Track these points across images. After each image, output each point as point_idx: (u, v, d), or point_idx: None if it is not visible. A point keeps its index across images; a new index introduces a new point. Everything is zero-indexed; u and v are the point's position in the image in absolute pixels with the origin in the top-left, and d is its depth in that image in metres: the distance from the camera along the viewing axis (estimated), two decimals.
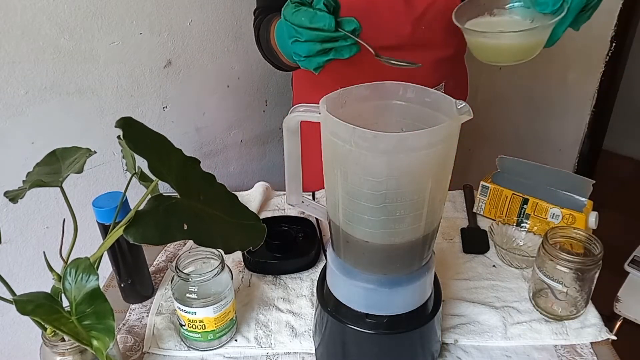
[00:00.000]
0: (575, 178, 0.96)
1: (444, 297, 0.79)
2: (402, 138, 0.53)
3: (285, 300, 0.82)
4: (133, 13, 1.04)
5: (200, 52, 1.18)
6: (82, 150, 0.62)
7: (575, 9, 0.60)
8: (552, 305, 0.77)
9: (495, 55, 0.62)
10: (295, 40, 0.66)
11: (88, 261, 0.49)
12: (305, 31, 0.64)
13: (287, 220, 0.96)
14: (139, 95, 1.11)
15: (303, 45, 0.65)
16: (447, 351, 0.73)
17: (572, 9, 0.60)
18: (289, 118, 0.62)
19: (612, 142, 2.49)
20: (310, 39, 0.64)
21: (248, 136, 1.39)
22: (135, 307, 0.82)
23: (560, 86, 1.87)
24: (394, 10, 0.88)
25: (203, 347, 0.73)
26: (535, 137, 2.00)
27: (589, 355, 0.72)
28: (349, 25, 0.64)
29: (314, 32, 0.63)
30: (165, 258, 0.93)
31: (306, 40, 0.64)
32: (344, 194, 0.58)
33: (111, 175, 1.12)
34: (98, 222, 0.74)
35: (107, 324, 0.47)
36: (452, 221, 1.01)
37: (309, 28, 0.63)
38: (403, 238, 0.59)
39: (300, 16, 0.63)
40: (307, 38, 0.64)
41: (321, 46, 0.64)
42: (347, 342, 0.67)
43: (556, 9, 0.60)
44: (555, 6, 0.60)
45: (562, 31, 0.62)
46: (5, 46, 0.90)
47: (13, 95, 0.94)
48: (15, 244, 1.03)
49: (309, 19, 0.63)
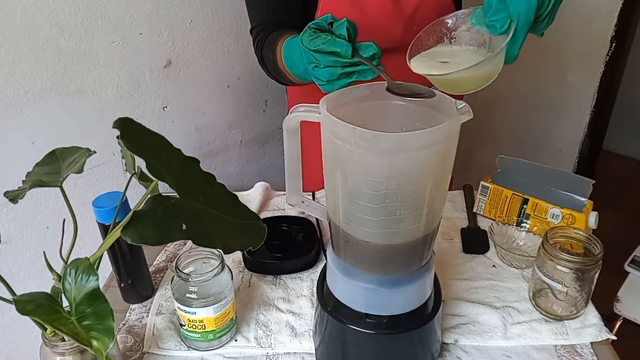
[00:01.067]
0: (575, 178, 0.96)
1: (444, 297, 0.79)
2: (402, 138, 0.53)
3: (285, 300, 0.82)
4: (133, 13, 1.04)
5: (200, 52, 1.18)
6: (82, 150, 0.62)
7: (523, 28, 0.59)
8: (552, 305, 0.77)
9: (453, 88, 0.61)
10: (315, 66, 0.65)
11: (88, 261, 0.49)
12: (323, 57, 0.63)
13: (287, 220, 0.96)
14: (139, 95, 1.11)
15: (324, 70, 0.64)
16: (447, 351, 0.73)
17: (519, 28, 0.59)
18: (289, 118, 0.62)
19: (612, 142, 2.50)
20: (329, 64, 0.63)
21: (248, 136, 1.39)
22: (135, 307, 0.82)
23: (560, 86, 1.87)
24: (384, 12, 0.89)
25: (203, 347, 0.73)
26: (535, 137, 2.00)
27: (589, 355, 0.72)
28: (367, 52, 0.62)
29: (333, 58, 0.62)
30: (165, 258, 0.93)
31: (326, 66, 0.63)
32: (344, 194, 0.58)
33: (111, 175, 1.12)
34: (98, 222, 0.74)
35: (107, 324, 0.47)
36: (452, 221, 1.01)
37: (327, 53, 0.62)
38: (403, 238, 0.59)
39: (318, 42, 0.63)
40: (326, 64, 0.63)
41: (342, 70, 0.63)
42: (347, 342, 0.67)
43: (505, 30, 0.60)
44: (504, 28, 0.59)
45: (517, 49, 0.61)
46: (5, 46, 0.90)
47: (13, 95, 0.94)
48: (15, 244, 1.03)
49: (326, 46, 0.62)
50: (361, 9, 0.89)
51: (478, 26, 0.64)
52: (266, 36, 0.87)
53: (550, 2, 0.60)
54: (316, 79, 0.66)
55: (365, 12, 0.89)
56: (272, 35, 0.85)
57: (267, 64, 0.88)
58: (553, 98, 1.90)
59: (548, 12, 0.60)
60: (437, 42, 0.66)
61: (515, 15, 0.58)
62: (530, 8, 0.57)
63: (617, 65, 1.81)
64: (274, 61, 0.83)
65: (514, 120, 2.02)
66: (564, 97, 1.88)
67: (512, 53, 0.61)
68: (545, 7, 0.60)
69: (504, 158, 1.02)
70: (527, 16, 0.58)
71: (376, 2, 0.89)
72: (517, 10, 0.57)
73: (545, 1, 0.59)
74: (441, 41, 0.66)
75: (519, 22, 0.58)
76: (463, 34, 0.66)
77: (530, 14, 0.58)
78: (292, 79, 0.80)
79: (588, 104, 1.85)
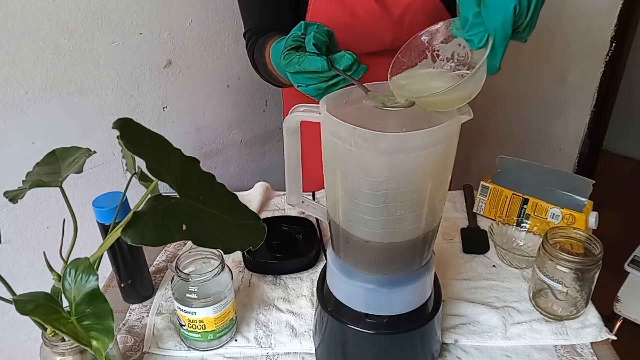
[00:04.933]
0: (575, 178, 0.96)
1: (444, 297, 0.79)
2: (402, 138, 0.53)
3: (285, 300, 0.82)
4: (133, 13, 1.04)
5: (200, 52, 1.18)
6: (82, 150, 0.62)
7: (501, 42, 0.58)
8: (552, 305, 0.77)
9: (436, 107, 0.61)
10: (299, 85, 0.64)
11: (88, 261, 0.49)
12: (303, 77, 0.62)
13: (287, 220, 0.96)
14: (139, 95, 1.11)
15: (309, 88, 0.63)
16: (447, 351, 0.73)
17: (497, 42, 0.58)
18: (289, 118, 0.62)
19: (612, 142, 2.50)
20: (311, 83, 0.62)
21: (248, 136, 1.39)
22: (135, 307, 0.82)
23: (560, 86, 1.87)
24: (372, 16, 0.89)
25: (203, 347, 0.73)
26: (535, 137, 2.00)
27: (589, 355, 0.72)
28: (343, 63, 0.61)
29: (313, 76, 0.61)
30: (165, 258, 0.93)
31: (308, 85, 0.63)
32: (344, 194, 0.58)
33: (111, 175, 1.12)
34: (98, 222, 0.74)
35: (107, 324, 0.47)
36: (452, 221, 1.01)
37: (306, 73, 0.61)
38: (403, 238, 0.59)
39: (294, 64, 0.62)
40: (309, 83, 0.62)
41: (326, 84, 0.62)
42: (347, 342, 0.67)
43: (483, 44, 0.59)
44: (481, 43, 0.58)
45: (498, 62, 0.60)
46: (5, 46, 0.90)
47: (13, 95, 0.94)
48: (15, 244, 1.03)
49: (302, 66, 0.61)
50: (350, 13, 0.89)
51: (460, 39, 0.63)
52: (257, 39, 0.88)
53: (529, 12, 0.58)
54: (306, 93, 0.66)
55: (354, 16, 0.89)
56: (263, 38, 0.86)
57: (258, 67, 0.89)
58: (553, 98, 1.90)
59: (527, 21, 0.59)
60: (419, 58, 0.65)
61: (492, 30, 0.56)
62: (507, 21, 0.56)
63: (617, 65, 1.81)
64: (264, 64, 0.84)
65: (514, 120, 2.02)
66: (564, 97, 1.88)
67: (494, 66, 0.60)
68: (524, 18, 0.58)
69: (504, 158, 1.02)
70: (504, 30, 0.56)
71: (364, 6, 0.89)
72: (493, 25, 0.55)
73: (523, 12, 0.57)
74: (424, 56, 0.65)
75: (496, 37, 0.56)
76: (444, 48, 0.64)
77: (507, 27, 0.56)
78: (284, 81, 0.80)
79: (588, 104, 1.85)
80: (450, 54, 0.64)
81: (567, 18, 1.71)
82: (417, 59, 0.63)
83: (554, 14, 1.72)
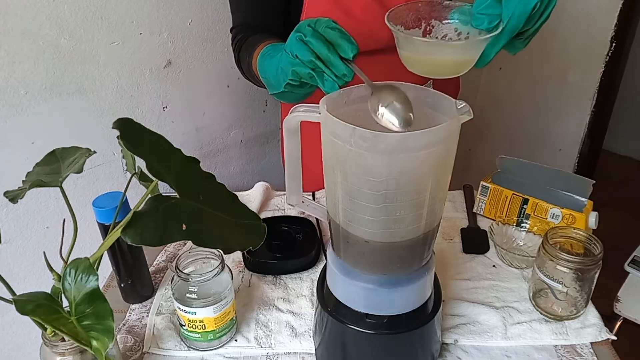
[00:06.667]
0: (575, 178, 0.96)
1: (444, 297, 0.79)
2: (402, 138, 0.53)
3: (285, 300, 0.82)
4: (133, 13, 1.04)
5: (200, 52, 1.18)
6: (82, 150, 0.62)
7: (510, 30, 0.58)
8: (552, 305, 0.77)
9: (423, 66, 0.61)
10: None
11: (88, 261, 0.49)
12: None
13: (287, 220, 0.96)
14: (139, 95, 1.11)
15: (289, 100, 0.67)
16: (447, 351, 0.73)
17: (506, 29, 0.58)
18: (289, 118, 0.62)
19: (612, 142, 2.50)
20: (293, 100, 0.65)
21: (248, 136, 1.39)
22: (135, 307, 0.82)
23: (560, 86, 1.87)
24: (369, 12, 0.88)
25: (203, 347, 0.73)
26: (535, 137, 2.00)
27: (589, 355, 0.72)
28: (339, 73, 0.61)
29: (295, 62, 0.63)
30: (165, 258, 0.93)
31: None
32: (344, 194, 0.58)
33: (111, 175, 1.12)
34: (98, 222, 0.74)
35: (107, 324, 0.47)
36: (452, 221, 1.01)
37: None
38: (403, 238, 0.59)
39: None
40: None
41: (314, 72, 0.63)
42: (347, 342, 0.67)
43: (492, 27, 0.59)
44: (492, 24, 0.58)
45: (494, 52, 0.60)
46: (5, 46, 0.90)
47: (13, 95, 0.94)
48: (15, 244, 1.03)
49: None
50: (345, 11, 0.89)
51: (458, 23, 0.63)
52: (245, 37, 0.89)
53: (540, 18, 0.59)
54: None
55: (350, 15, 0.88)
56: (252, 38, 0.87)
57: (242, 66, 0.90)
58: (553, 98, 1.90)
59: (533, 30, 0.60)
60: (413, 24, 0.65)
61: (507, 16, 0.57)
62: (524, 13, 0.56)
63: (617, 65, 1.81)
64: (249, 64, 0.85)
65: (514, 120, 2.02)
66: (564, 97, 1.88)
67: (488, 56, 0.60)
68: (533, 23, 0.59)
69: (504, 158, 1.02)
70: (518, 20, 0.57)
71: (360, 3, 0.89)
72: (510, 12, 0.56)
73: (536, 15, 0.58)
74: (418, 24, 0.65)
75: (508, 24, 0.57)
76: (439, 27, 0.65)
77: (521, 19, 0.57)
78: (263, 84, 0.81)
79: (588, 104, 1.85)
80: (443, 35, 0.64)
81: (567, 18, 1.71)
82: (412, 22, 0.64)
83: (554, 14, 1.70)
